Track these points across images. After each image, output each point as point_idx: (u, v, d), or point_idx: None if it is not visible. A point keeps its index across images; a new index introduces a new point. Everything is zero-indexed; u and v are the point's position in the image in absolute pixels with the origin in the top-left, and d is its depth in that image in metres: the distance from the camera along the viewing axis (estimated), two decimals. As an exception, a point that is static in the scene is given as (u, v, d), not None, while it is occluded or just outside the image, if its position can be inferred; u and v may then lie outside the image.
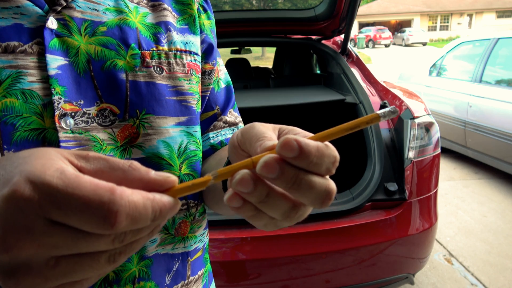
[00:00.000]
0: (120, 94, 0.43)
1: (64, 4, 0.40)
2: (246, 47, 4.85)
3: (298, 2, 2.47)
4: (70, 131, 0.40)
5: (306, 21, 2.26)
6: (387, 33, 27.71)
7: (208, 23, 0.56)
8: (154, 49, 0.46)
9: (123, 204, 0.23)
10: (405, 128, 1.61)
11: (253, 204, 0.29)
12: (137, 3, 0.47)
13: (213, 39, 0.57)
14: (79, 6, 0.41)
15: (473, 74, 3.88)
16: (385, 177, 1.57)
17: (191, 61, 0.50)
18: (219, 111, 0.58)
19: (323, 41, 2.40)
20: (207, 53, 0.55)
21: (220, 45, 2.55)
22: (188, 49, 0.50)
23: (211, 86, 0.56)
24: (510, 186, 3.60)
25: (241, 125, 0.61)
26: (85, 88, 0.41)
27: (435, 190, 1.65)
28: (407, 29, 28.43)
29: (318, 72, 3.38)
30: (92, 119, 0.41)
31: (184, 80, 0.49)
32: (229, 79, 0.63)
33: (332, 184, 0.29)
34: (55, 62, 0.39)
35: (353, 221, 1.49)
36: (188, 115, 0.49)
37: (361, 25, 32.81)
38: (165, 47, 0.47)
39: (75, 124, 0.40)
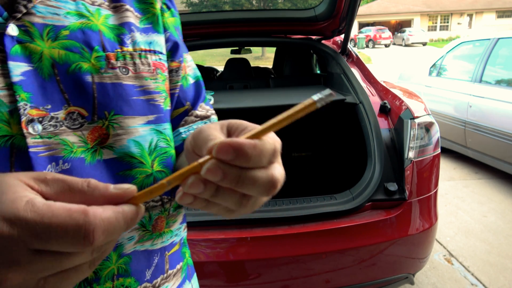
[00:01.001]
0: (87, 96, 0.43)
1: (24, 10, 0.40)
2: (246, 47, 4.86)
3: (298, 2, 2.48)
4: (38, 136, 0.40)
5: (306, 21, 2.26)
6: (387, 33, 27.70)
7: (172, 20, 0.57)
8: (119, 50, 0.46)
9: (98, 222, 0.25)
10: (405, 128, 1.61)
11: (203, 198, 0.31)
12: (98, 5, 0.47)
13: (177, 36, 0.58)
14: (39, 12, 0.41)
15: (473, 74, 3.88)
16: (385, 177, 1.57)
17: (156, 60, 0.51)
18: (189, 106, 0.59)
19: (323, 41, 2.40)
20: (173, 51, 0.56)
21: (220, 45, 2.55)
22: (152, 48, 0.51)
23: (179, 83, 0.57)
24: (510, 186, 3.60)
25: (214, 117, 0.62)
26: (52, 92, 0.41)
27: (435, 190, 1.65)
28: (407, 29, 28.42)
29: (318, 72, 3.38)
30: (61, 123, 0.41)
31: (151, 79, 0.49)
32: (199, 73, 0.64)
33: (276, 173, 0.32)
34: (18, 68, 0.39)
35: (353, 221, 1.49)
36: (157, 113, 0.50)
37: (361, 25, 32.81)
38: (130, 48, 0.47)
39: (44, 129, 0.40)
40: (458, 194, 3.46)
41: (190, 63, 0.62)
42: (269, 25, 2.34)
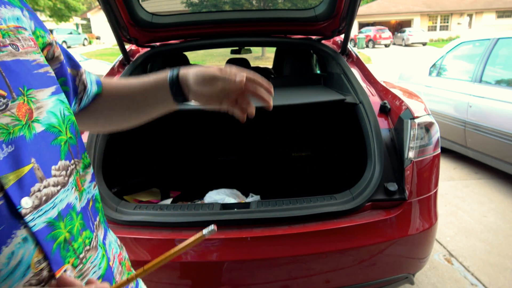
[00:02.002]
0: None
1: None
2: (246, 47, 4.85)
3: (298, 2, 2.47)
4: None
5: (306, 21, 2.26)
6: (387, 33, 27.67)
7: None
8: (3, 27, 0.47)
9: None
10: (405, 128, 1.61)
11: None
12: None
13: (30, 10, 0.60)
14: None
15: (473, 74, 3.88)
16: (385, 177, 1.57)
17: (29, 35, 0.52)
18: (75, 70, 0.66)
19: (323, 41, 2.39)
20: (39, 25, 0.58)
21: (220, 45, 2.55)
22: (20, 25, 0.52)
23: (61, 57, 0.61)
24: (510, 186, 3.60)
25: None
26: None
27: (435, 190, 1.65)
28: (407, 29, 28.39)
29: (318, 72, 3.38)
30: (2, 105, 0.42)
31: (37, 53, 0.52)
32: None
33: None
34: None
35: (353, 221, 1.49)
36: (55, 84, 0.53)
37: (361, 25, 32.79)
38: (4, 25, 0.48)
39: None
40: (458, 194, 3.46)
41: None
42: (269, 25, 2.34)
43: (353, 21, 2.01)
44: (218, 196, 1.98)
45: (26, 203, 0.42)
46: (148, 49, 2.32)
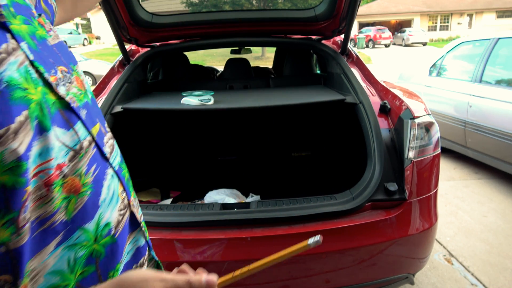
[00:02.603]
0: (57, 56, 0.53)
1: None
2: (246, 47, 4.86)
3: (298, 2, 2.47)
4: (67, 94, 0.50)
5: (306, 21, 2.26)
6: (387, 33, 27.67)
7: None
8: (40, 15, 0.54)
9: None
10: (405, 128, 1.61)
11: None
12: None
13: None
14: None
15: (473, 74, 3.88)
16: (385, 177, 1.57)
17: (47, 18, 0.60)
18: None
19: (323, 41, 2.39)
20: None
21: (220, 45, 2.55)
22: (40, 12, 0.58)
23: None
24: (510, 186, 3.60)
25: None
26: (48, 57, 0.50)
27: (435, 190, 1.65)
28: (407, 29, 28.39)
29: (318, 72, 3.38)
30: (63, 81, 0.51)
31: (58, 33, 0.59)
32: None
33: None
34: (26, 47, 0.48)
35: (353, 221, 1.49)
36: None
37: (361, 25, 32.79)
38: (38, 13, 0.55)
39: (66, 89, 0.51)
40: (458, 194, 3.46)
41: None
42: (269, 25, 2.34)
43: (353, 21, 2.01)
44: (218, 196, 1.98)
45: (106, 150, 0.56)
46: (148, 49, 2.32)
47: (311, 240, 0.54)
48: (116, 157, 0.59)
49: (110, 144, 0.58)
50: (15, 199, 0.40)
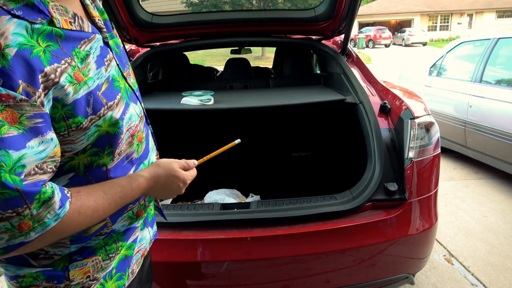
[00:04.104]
0: (125, 59, 0.86)
1: (103, 28, 0.79)
2: (246, 47, 4.85)
3: (298, 2, 2.47)
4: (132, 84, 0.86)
5: (306, 21, 2.26)
6: (387, 33, 27.67)
7: None
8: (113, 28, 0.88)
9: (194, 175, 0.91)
10: (405, 128, 1.61)
11: None
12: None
13: None
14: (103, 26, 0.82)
15: (473, 74, 3.88)
16: (385, 177, 1.57)
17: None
18: None
19: (323, 41, 2.39)
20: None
21: (220, 45, 2.55)
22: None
23: None
24: (510, 186, 3.60)
25: None
26: (122, 61, 0.82)
27: (435, 190, 1.65)
28: (407, 29, 28.39)
29: (318, 72, 3.38)
30: (128, 77, 0.84)
31: None
32: None
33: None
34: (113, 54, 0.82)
35: (353, 221, 1.49)
36: None
37: (361, 25, 32.79)
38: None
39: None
40: (458, 194, 3.46)
41: None
42: (269, 25, 2.34)
43: (354, 21, 2.01)
44: (218, 196, 1.98)
45: (148, 118, 0.91)
46: (148, 49, 2.32)
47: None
48: (150, 124, 0.91)
49: (143, 112, 0.87)
50: (114, 141, 0.72)
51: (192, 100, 1.88)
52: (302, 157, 2.89)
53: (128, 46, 2.45)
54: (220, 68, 4.37)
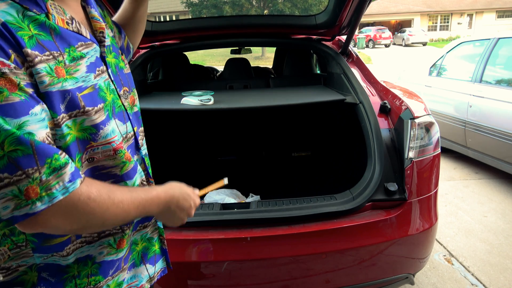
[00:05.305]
0: (126, 80, 0.87)
1: (104, 39, 0.80)
2: (246, 47, 4.85)
3: (298, 2, 2.47)
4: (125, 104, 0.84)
5: (305, 28, 2.27)
6: (387, 33, 27.65)
7: None
8: (122, 53, 0.93)
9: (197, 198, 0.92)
10: (405, 128, 1.61)
11: None
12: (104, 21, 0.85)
13: None
14: (105, 37, 0.81)
15: (473, 74, 3.88)
16: (385, 177, 1.57)
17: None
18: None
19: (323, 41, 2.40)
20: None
21: (220, 45, 2.55)
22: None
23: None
24: (510, 186, 3.60)
25: None
26: (118, 81, 0.82)
27: (435, 190, 1.65)
28: (407, 29, 28.37)
29: (318, 72, 3.37)
30: (124, 96, 0.83)
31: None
32: None
33: None
34: (110, 71, 0.82)
35: (353, 221, 1.49)
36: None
37: (361, 25, 32.74)
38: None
39: (127, 103, 0.84)
40: (458, 194, 3.46)
41: None
42: (269, 30, 2.35)
43: (356, 29, 2.03)
44: (218, 196, 1.98)
45: (139, 143, 0.86)
46: (148, 49, 2.32)
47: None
48: (144, 149, 0.90)
49: (142, 139, 0.89)
50: (82, 146, 0.68)
51: (192, 100, 1.88)
52: (302, 157, 2.89)
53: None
54: (220, 68, 4.37)
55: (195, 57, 17.42)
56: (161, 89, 2.59)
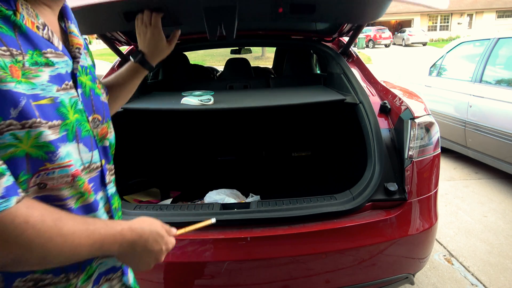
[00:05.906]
0: (101, 109, 0.75)
1: (79, 56, 0.70)
2: (246, 47, 4.86)
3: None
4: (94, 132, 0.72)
5: (305, 31, 2.27)
6: (387, 33, 27.67)
7: None
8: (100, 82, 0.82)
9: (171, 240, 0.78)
10: (405, 128, 1.61)
11: None
12: (84, 49, 0.75)
13: None
14: (81, 57, 0.70)
15: (473, 74, 3.88)
16: (385, 177, 1.57)
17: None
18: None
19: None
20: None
21: (220, 45, 2.55)
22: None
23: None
24: (510, 186, 3.60)
25: None
26: (89, 105, 0.71)
27: (435, 190, 1.65)
28: (407, 29, 28.39)
29: (318, 72, 3.37)
30: (93, 124, 0.71)
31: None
32: None
33: None
34: (80, 92, 0.71)
35: (353, 221, 1.49)
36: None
37: (361, 25, 32.75)
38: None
39: (93, 127, 0.72)
40: (458, 194, 3.46)
41: None
42: (269, 32, 2.35)
43: (358, 34, 2.04)
44: (218, 196, 1.98)
45: (107, 178, 0.74)
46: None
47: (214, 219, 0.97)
48: (112, 187, 0.76)
49: (110, 177, 0.76)
50: (33, 166, 0.56)
51: (192, 100, 1.88)
52: (302, 157, 2.89)
53: (127, 47, 2.46)
54: (220, 68, 4.37)
55: (195, 57, 17.42)
56: (161, 89, 2.59)
